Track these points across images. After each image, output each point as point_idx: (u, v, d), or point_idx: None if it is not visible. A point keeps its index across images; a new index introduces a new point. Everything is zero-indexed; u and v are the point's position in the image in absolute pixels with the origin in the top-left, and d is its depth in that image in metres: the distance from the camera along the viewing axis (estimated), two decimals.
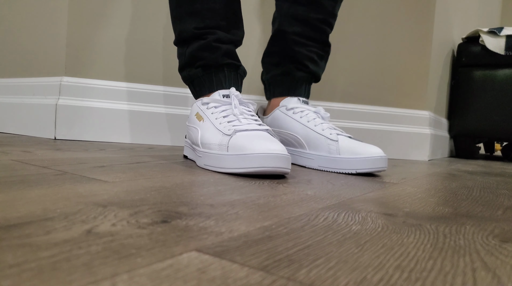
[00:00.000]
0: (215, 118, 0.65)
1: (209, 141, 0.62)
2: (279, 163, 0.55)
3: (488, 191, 0.60)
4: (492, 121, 1.59)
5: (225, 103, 0.67)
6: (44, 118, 0.98)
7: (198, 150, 0.64)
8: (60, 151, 0.69)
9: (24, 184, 0.38)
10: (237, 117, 0.64)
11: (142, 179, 0.46)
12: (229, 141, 0.58)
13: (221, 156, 0.58)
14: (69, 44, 0.99)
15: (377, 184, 0.59)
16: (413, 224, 0.34)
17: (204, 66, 0.71)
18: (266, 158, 0.54)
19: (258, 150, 0.55)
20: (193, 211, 0.32)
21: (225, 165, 0.57)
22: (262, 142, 0.56)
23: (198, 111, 0.68)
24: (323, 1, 0.82)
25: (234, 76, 0.72)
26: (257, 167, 0.54)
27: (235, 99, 0.66)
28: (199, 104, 0.69)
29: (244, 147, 0.56)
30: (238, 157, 0.55)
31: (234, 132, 0.59)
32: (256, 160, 0.54)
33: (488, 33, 1.63)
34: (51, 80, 1.01)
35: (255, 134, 0.59)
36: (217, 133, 0.62)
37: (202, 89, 0.72)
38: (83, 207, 0.31)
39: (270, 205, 0.37)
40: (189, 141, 0.72)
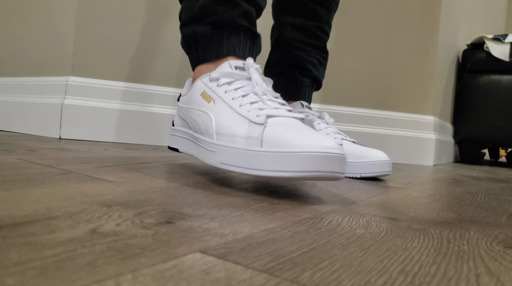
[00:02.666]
0: (232, 98, 0.49)
1: (231, 131, 0.46)
2: (337, 166, 0.41)
3: (492, 197, 0.60)
4: (497, 127, 1.59)
5: (240, 77, 0.50)
6: (50, 117, 0.99)
7: (209, 142, 0.48)
8: (65, 151, 0.70)
9: (29, 183, 0.38)
10: (260, 98, 0.48)
11: (146, 179, 0.46)
12: (264, 132, 0.44)
13: (253, 152, 0.43)
14: (76, 44, 0.99)
15: (382, 188, 0.59)
16: (417, 228, 0.34)
17: (216, 23, 0.54)
18: (323, 159, 0.40)
19: (310, 146, 0.40)
20: (198, 212, 0.32)
21: (259, 166, 0.42)
22: (310, 135, 0.42)
23: (205, 90, 0.52)
24: (319, 11, 0.85)
25: (250, 46, 0.56)
26: (309, 170, 0.40)
27: (255, 73, 0.50)
28: (206, 81, 0.52)
29: (289, 141, 0.41)
30: (281, 156, 0.41)
31: (266, 120, 0.45)
32: (308, 161, 0.40)
33: (492, 40, 1.62)
34: (58, 80, 1.01)
35: (294, 124, 0.45)
36: (241, 120, 0.46)
37: (208, 53, 0.55)
38: (87, 206, 0.31)
39: (274, 207, 0.37)
40: (183, 129, 0.56)
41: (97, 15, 1.01)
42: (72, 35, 0.99)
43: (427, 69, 1.30)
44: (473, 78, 1.65)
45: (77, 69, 1.00)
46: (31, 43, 1.14)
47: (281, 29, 0.86)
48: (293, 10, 0.86)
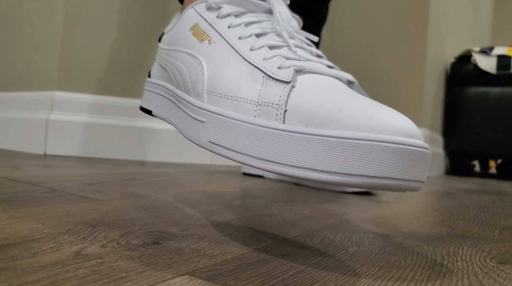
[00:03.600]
0: (239, 37, 0.32)
1: (233, 91, 0.30)
2: (419, 170, 0.24)
3: (484, 210, 0.59)
4: (487, 139, 1.60)
5: (255, 7, 0.34)
6: (35, 133, 0.97)
7: (197, 105, 0.32)
8: (50, 167, 0.68)
9: (11, 203, 0.37)
10: (285, 42, 0.31)
11: (133, 197, 0.45)
12: (290, 96, 0.27)
13: (269, 131, 0.26)
14: (62, 58, 0.98)
15: (374, 203, 0.58)
16: (411, 245, 0.34)
17: None
18: (400, 155, 0.23)
19: (373, 128, 0.23)
20: (185, 232, 0.31)
21: (274, 156, 0.25)
22: (376, 109, 0.25)
23: (199, 23, 0.35)
24: (308, 23, 0.84)
25: None
26: (376, 176, 0.23)
27: (279, 1, 0.33)
28: (201, 9, 0.35)
29: (337, 117, 0.24)
30: (320, 142, 0.24)
31: (295, 76, 0.28)
32: (378, 158, 0.23)
33: (479, 53, 1.65)
34: (43, 95, 1.00)
35: (342, 89, 0.28)
36: (251, 73, 0.30)
37: None
38: (71, 227, 0.30)
39: (265, 225, 0.37)
40: (162, 83, 0.39)
41: (84, 28, 1.00)
42: (59, 49, 0.98)
43: (416, 82, 1.31)
44: (462, 91, 1.67)
45: (63, 83, 0.98)
46: (15, 58, 1.13)
47: None
48: None
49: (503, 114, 1.58)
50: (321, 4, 0.85)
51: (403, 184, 0.23)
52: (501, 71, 1.59)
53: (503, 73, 1.59)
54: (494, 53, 1.62)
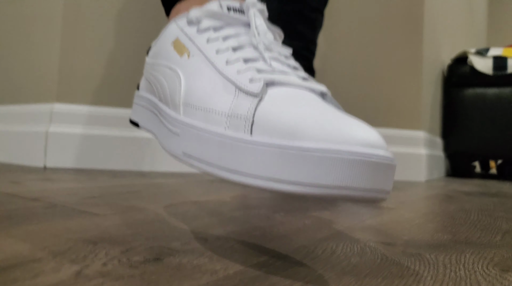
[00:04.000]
0: (216, 51, 0.33)
1: (206, 103, 0.30)
2: (382, 181, 0.24)
3: (485, 214, 0.59)
4: (486, 140, 1.60)
5: (234, 22, 0.34)
6: (35, 146, 0.97)
7: (173, 117, 0.33)
8: (50, 181, 0.68)
9: (12, 220, 0.37)
10: (261, 55, 0.32)
11: (134, 211, 0.45)
12: (257, 109, 0.27)
13: (236, 143, 0.27)
14: (61, 70, 0.98)
15: (375, 210, 0.58)
16: (413, 253, 0.34)
17: None
18: (362, 167, 0.23)
19: (337, 140, 0.23)
20: (187, 247, 0.31)
21: (241, 167, 0.26)
22: (339, 120, 0.25)
23: (179, 37, 0.35)
24: (303, 30, 0.85)
25: None
26: (332, 185, 0.23)
27: (257, 15, 0.34)
28: (182, 24, 0.36)
29: (299, 128, 0.25)
30: (284, 155, 0.24)
31: (265, 88, 0.29)
32: (336, 168, 0.23)
33: (475, 54, 1.66)
34: (42, 107, 1.00)
35: (311, 100, 0.28)
36: (224, 86, 0.30)
37: None
38: (72, 244, 0.30)
39: (266, 237, 0.37)
40: (147, 96, 0.40)
41: (82, 40, 1.01)
42: (57, 61, 0.99)
43: (414, 85, 1.31)
44: (459, 92, 1.67)
45: (63, 95, 0.99)
46: (13, 70, 1.13)
47: None
48: None
49: (501, 115, 1.59)
50: (316, 12, 0.86)
51: (364, 194, 0.23)
52: (497, 72, 1.60)
53: (499, 74, 1.59)
54: (489, 54, 1.63)
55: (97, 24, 1.02)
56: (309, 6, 0.85)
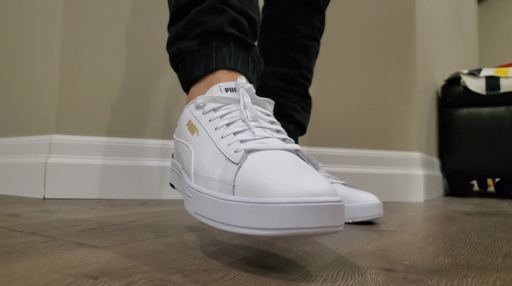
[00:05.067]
0: (215, 128, 0.41)
1: (206, 173, 0.38)
2: (330, 219, 0.31)
3: (485, 235, 0.59)
4: (482, 159, 1.61)
5: (228, 101, 0.43)
6: (33, 177, 0.97)
7: (188, 184, 0.41)
8: (49, 213, 0.68)
9: (10, 256, 0.36)
10: (248, 126, 0.39)
11: (134, 242, 0.45)
12: (237, 174, 0.35)
13: (223, 202, 0.34)
14: (60, 101, 0.99)
15: (375, 233, 0.58)
16: (414, 279, 0.34)
17: (203, 35, 0.49)
18: (309, 212, 0.30)
19: (291, 194, 0.31)
20: (188, 279, 0.31)
21: (230, 220, 0.33)
22: (297, 177, 0.32)
23: (191, 119, 0.44)
24: (299, 59, 0.87)
25: (244, 59, 0.49)
26: (292, 228, 0.30)
27: (245, 94, 0.42)
28: (192, 109, 0.45)
29: (265, 187, 0.32)
30: (254, 208, 0.32)
31: (245, 156, 0.36)
32: (289, 215, 0.30)
33: (468, 75, 1.68)
34: (41, 139, 1.00)
35: (280, 160, 0.35)
36: (219, 157, 0.38)
37: (196, 68, 0.48)
38: (73, 280, 0.30)
39: (267, 266, 0.36)
40: (177, 163, 0.49)
41: (81, 71, 1.02)
42: (56, 93, 1.00)
43: (409, 106, 1.33)
44: (454, 112, 1.69)
45: (61, 127, 0.99)
46: (12, 103, 1.14)
47: (262, 78, 0.87)
48: (272, 59, 0.87)
49: (496, 134, 1.60)
50: (313, 40, 0.88)
51: (317, 231, 0.31)
52: (490, 92, 1.62)
53: (492, 94, 1.62)
54: (482, 74, 1.65)
55: (95, 56, 1.03)
56: (304, 34, 0.86)
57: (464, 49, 2.70)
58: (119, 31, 1.06)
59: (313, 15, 0.88)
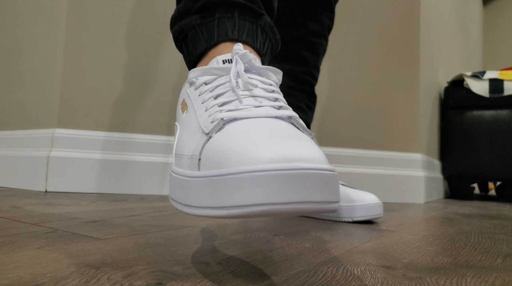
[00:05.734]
0: (202, 101, 0.36)
1: (181, 150, 0.34)
2: (310, 192, 0.24)
3: (485, 236, 0.59)
4: (483, 162, 1.61)
5: (222, 72, 0.38)
6: (36, 170, 0.97)
7: (171, 168, 0.35)
8: (51, 205, 0.68)
9: (14, 245, 0.37)
10: (237, 96, 0.34)
11: (135, 235, 0.45)
12: (204, 146, 0.30)
13: (185, 180, 0.30)
14: (62, 96, 1.00)
15: (375, 232, 0.58)
16: (413, 277, 0.34)
17: (204, 8, 0.44)
18: (272, 181, 0.24)
19: (254, 160, 0.25)
20: (188, 271, 0.31)
21: (189, 201, 0.28)
22: (271, 143, 0.26)
23: (184, 97, 0.40)
24: (306, 56, 0.85)
25: (251, 28, 0.43)
26: (252, 204, 0.24)
27: (238, 61, 0.37)
28: (186, 86, 0.41)
29: (230, 157, 0.26)
30: (211, 183, 0.26)
31: (219, 126, 0.31)
32: (248, 187, 0.24)
33: (471, 77, 1.68)
34: (44, 132, 1.01)
35: (260, 127, 0.29)
36: (197, 132, 0.33)
37: (198, 44, 0.43)
38: (74, 269, 0.30)
39: (267, 261, 0.37)
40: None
41: (84, 66, 1.02)
42: (59, 87, 1.00)
43: (411, 107, 1.33)
44: (456, 115, 1.69)
45: (64, 121, 1.00)
46: (15, 96, 1.15)
47: None
48: (280, 56, 0.86)
49: (498, 137, 1.60)
50: (321, 37, 0.86)
51: (286, 207, 0.23)
52: (493, 94, 1.62)
53: (496, 97, 1.61)
54: (486, 77, 1.65)
55: (98, 51, 1.04)
56: (313, 31, 0.85)
57: (468, 51, 2.69)
58: (123, 27, 1.06)
59: (323, 12, 0.86)
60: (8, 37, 1.22)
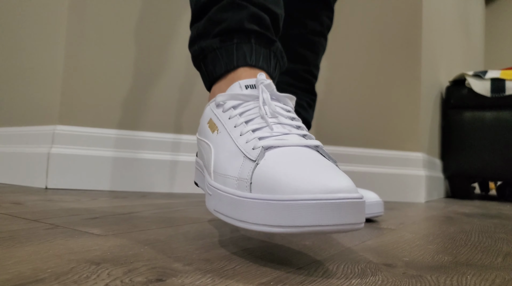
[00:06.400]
0: (234, 125, 0.41)
1: (224, 170, 0.39)
2: (350, 216, 0.31)
3: (486, 235, 0.59)
4: (484, 162, 1.61)
5: (248, 98, 0.43)
6: (36, 167, 0.97)
7: (209, 181, 0.41)
8: (51, 202, 0.68)
9: (14, 241, 0.37)
10: (266, 123, 0.39)
11: (135, 231, 0.45)
12: (254, 172, 0.35)
13: (240, 199, 0.35)
14: (64, 93, 1.00)
15: (375, 230, 0.58)
16: (413, 275, 0.34)
17: (223, 32, 0.48)
18: (328, 209, 0.30)
19: (308, 190, 0.31)
20: (189, 268, 0.31)
21: (247, 217, 0.33)
22: (315, 173, 0.33)
23: (212, 117, 0.44)
24: (307, 55, 0.87)
25: (266, 55, 0.49)
26: (309, 225, 0.30)
27: (264, 90, 0.42)
28: (213, 107, 0.45)
29: (281, 184, 0.32)
30: (270, 206, 0.32)
31: (262, 153, 0.36)
32: (307, 213, 0.30)
33: (473, 77, 1.68)
34: (44, 129, 1.01)
35: (298, 156, 0.36)
36: (238, 155, 0.38)
37: (217, 66, 0.48)
38: (75, 265, 0.30)
39: (267, 258, 0.37)
40: (200, 161, 0.49)
41: (85, 63, 1.02)
42: (60, 84, 1.00)
43: (412, 106, 1.33)
44: (458, 114, 1.69)
45: (65, 117, 1.00)
46: (16, 93, 1.15)
47: None
48: None
49: (500, 137, 1.60)
50: (320, 36, 0.87)
51: (336, 228, 0.30)
52: (495, 94, 1.61)
53: (497, 96, 1.61)
54: (487, 76, 1.65)
55: (99, 47, 1.04)
56: (313, 30, 0.86)
57: (470, 51, 2.69)
58: (125, 23, 1.06)
59: (322, 11, 0.87)
60: (9, 33, 1.22)
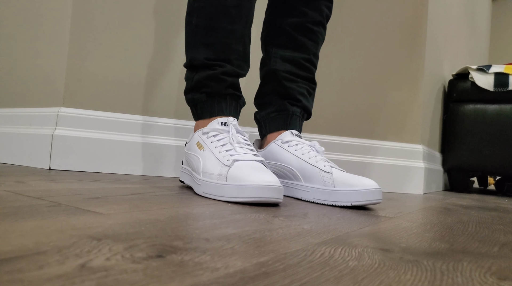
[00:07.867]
0: (215, 147, 0.70)
1: (210, 171, 0.68)
2: (273, 194, 0.62)
3: (483, 226, 0.60)
4: (484, 156, 1.61)
5: (223, 131, 0.72)
6: (40, 148, 0.98)
7: (198, 177, 0.70)
8: (55, 182, 0.69)
9: (17, 216, 0.37)
10: (233, 146, 0.70)
11: (137, 211, 0.46)
12: (228, 172, 0.65)
13: (220, 185, 0.64)
14: (68, 75, 1.00)
15: (373, 218, 0.59)
16: (410, 260, 0.34)
17: (208, 93, 0.76)
18: (261, 189, 0.61)
19: (254, 181, 0.61)
20: (189, 246, 0.32)
21: (223, 194, 0.64)
22: (258, 173, 0.63)
23: (199, 141, 0.74)
24: (307, 43, 0.88)
25: (234, 105, 0.78)
26: (253, 196, 0.61)
27: (232, 128, 0.72)
28: (200, 134, 0.74)
29: (242, 177, 0.63)
30: (236, 187, 0.62)
31: (233, 163, 0.66)
32: (252, 190, 0.61)
33: (477, 71, 1.67)
34: (49, 111, 1.01)
35: (251, 165, 0.66)
36: (217, 163, 0.68)
37: (204, 113, 0.77)
38: (77, 240, 0.31)
39: (266, 239, 0.37)
40: (187, 168, 0.78)
41: (89, 45, 1.02)
42: (65, 66, 1.00)
43: (414, 98, 1.33)
44: (459, 108, 1.68)
45: (69, 100, 1.00)
46: (22, 74, 1.15)
47: (271, 61, 0.88)
48: (282, 43, 0.88)
49: (501, 131, 1.59)
50: (320, 26, 0.88)
51: (270, 199, 0.62)
52: (498, 88, 1.61)
53: (500, 91, 1.61)
54: (491, 71, 1.64)
55: (104, 30, 1.03)
56: (313, 19, 0.87)
57: (475, 45, 2.67)
58: (131, 6, 1.06)
59: (322, 1, 0.88)
60: (14, 16, 1.21)
